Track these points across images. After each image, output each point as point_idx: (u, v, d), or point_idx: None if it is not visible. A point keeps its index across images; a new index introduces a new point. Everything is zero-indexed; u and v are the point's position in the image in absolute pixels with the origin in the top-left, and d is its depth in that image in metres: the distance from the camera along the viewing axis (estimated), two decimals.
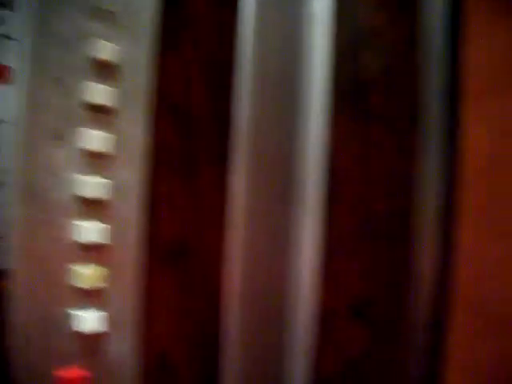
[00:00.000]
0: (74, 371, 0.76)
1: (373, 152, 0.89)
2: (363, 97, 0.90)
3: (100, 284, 0.78)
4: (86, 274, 0.77)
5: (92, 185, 0.78)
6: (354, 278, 0.88)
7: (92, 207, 0.78)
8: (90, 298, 0.78)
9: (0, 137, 0.75)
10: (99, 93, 0.78)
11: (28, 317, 0.74)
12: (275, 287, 0.91)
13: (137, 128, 0.80)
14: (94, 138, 0.78)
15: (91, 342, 0.77)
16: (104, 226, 0.78)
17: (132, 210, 0.80)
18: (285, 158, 0.91)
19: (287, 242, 0.91)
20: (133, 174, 0.80)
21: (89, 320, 0.77)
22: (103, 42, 0.78)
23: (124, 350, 0.80)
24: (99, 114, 0.79)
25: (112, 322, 0.79)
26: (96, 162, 0.79)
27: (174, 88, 0.83)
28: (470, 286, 0.80)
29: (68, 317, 0.76)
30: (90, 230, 0.78)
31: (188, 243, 0.83)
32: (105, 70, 0.79)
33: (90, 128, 0.78)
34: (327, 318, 0.90)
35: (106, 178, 0.79)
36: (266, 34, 0.90)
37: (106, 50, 0.78)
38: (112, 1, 0.79)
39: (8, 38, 0.76)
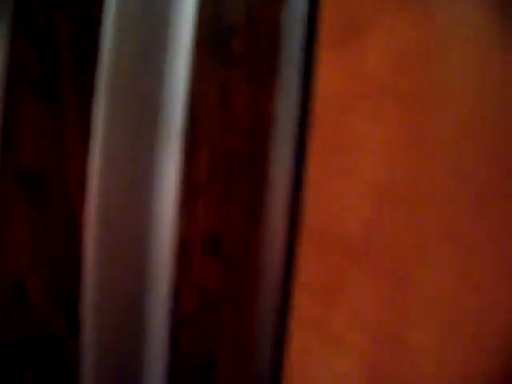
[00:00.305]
0: None
1: (233, 94, 0.92)
2: (225, 42, 0.93)
3: None
4: None
5: None
6: (212, 214, 0.90)
7: None
8: None
9: None
10: None
11: None
12: (134, 223, 0.91)
13: None
14: None
15: None
16: None
17: None
18: (148, 95, 0.92)
19: (147, 176, 0.92)
20: None
21: None
22: None
23: None
24: None
25: None
26: None
27: (34, 8, 0.80)
28: (314, 217, 0.85)
29: None
30: None
31: (47, 170, 0.82)
32: None
33: None
34: (185, 254, 0.92)
35: None
36: None
37: None
38: None
39: None
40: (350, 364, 0.82)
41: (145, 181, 0.92)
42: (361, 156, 0.82)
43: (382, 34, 0.82)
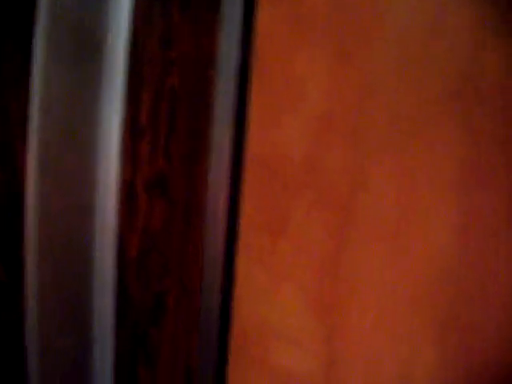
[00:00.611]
0: None
1: (175, 34, 0.91)
2: None
3: None
4: None
5: None
6: (156, 155, 0.90)
7: None
8: None
9: None
10: None
11: None
12: (77, 165, 0.90)
13: None
14: None
15: None
16: None
17: None
18: (90, 36, 0.91)
19: (90, 118, 0.91)
20: None
21: None
22: None
23: None
24: None
25: None
26: None
27: None
28: (258, 151, 0.85)
29: None
30: None
31: None
32: None
33: None
34: (130, 196, 0.92)
35: None
36: None
37: None
38: None
39: None
40: (296, 295, 0.84)
41: (88, 122, 0.91)
42: (303, 90, 0.83)
43: None
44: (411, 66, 0.77)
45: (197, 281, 0.91)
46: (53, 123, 0.88)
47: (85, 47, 0.91)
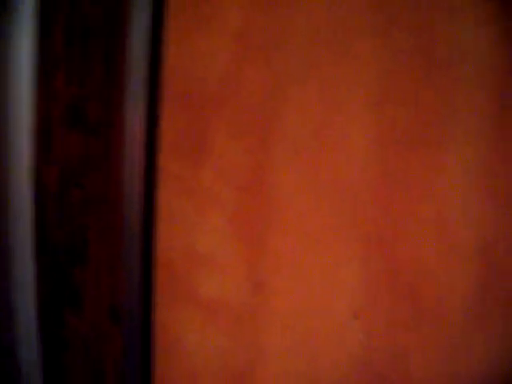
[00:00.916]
0: None
1: None
2: None
3: None
4: None
5: None
6: (71, 85, 0.88)
7: None
8: None
9: None
10: None
11: None
12: None
13: None
14: None
15: None
16: None
17: None
18: None
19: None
20: None
21: None
22: None
23: None
24: None
25: None
26: None
27: None
28: (176, 74, 0.84)
29: None
30: None
31: None
32: None
33: None
34: (46, 128, 0.88)
35: None
36: None
37: None
38: None
39: None
40: (218, 217, 0.84)
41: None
42: (217, 8, 0.81)
43: None
44: None
45: (118, 214, 0.89)
46: None
47: None
